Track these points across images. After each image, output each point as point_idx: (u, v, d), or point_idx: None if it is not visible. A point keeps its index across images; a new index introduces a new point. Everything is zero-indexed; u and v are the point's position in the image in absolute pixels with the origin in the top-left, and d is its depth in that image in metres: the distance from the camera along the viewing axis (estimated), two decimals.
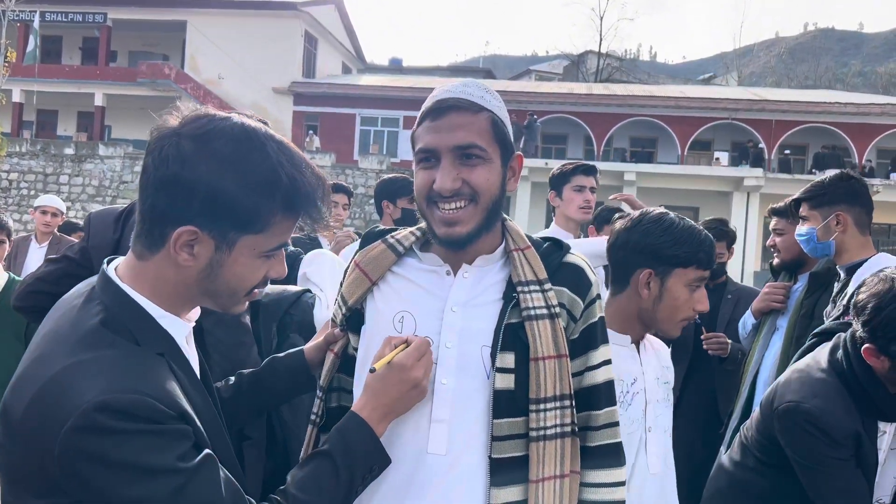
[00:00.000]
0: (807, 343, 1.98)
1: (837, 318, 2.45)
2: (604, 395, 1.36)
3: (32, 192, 21.80)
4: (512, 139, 1.33)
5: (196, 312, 1.20)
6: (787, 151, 24.12)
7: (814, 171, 21.75)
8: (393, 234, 1.41)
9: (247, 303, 1.19)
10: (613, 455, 1.36)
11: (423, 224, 1.39)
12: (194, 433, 1.04)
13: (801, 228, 2.67)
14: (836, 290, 2.63)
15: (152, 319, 1.08)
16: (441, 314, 1.30)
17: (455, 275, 1.33)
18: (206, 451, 1.04)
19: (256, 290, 1.18)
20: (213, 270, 1.08)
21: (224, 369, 1.79)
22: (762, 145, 24.66)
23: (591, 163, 3.49)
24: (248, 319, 2.18)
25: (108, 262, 1.13)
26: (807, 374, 1.74)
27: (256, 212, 1.05)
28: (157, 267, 1.08)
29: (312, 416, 1.42)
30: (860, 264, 2.50)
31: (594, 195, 3.28)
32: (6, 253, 3.77)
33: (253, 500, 1.09)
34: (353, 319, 1.39)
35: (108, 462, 0.95)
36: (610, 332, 1.46)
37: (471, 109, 1.27)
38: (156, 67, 27.25)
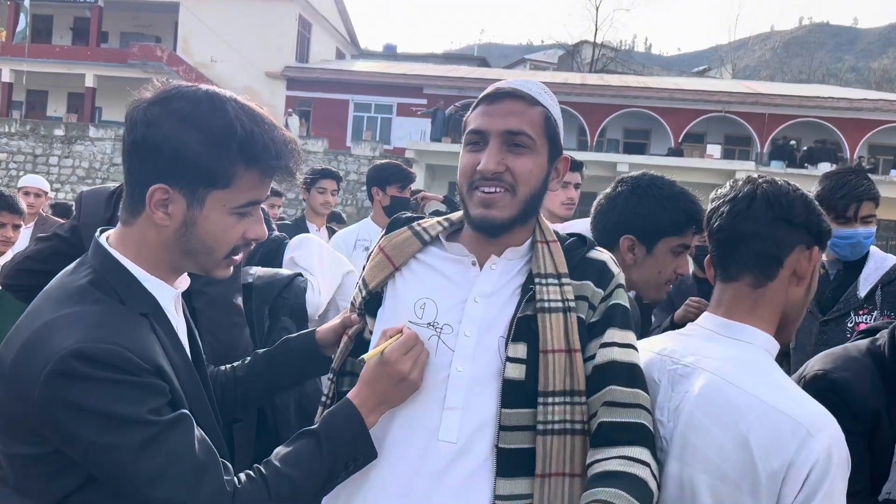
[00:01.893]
0: (851, 339, 1.99)
1: (856, 307, 2.48)
2: (624, 372, 1.25)
3: (21, 173, 21.59)
4: (562, 141, 1.35)
5: (185, 281, 1.25)
6: (784, 141, 24.14)
7: (805, 165, 21.84)
8: (420, 222, 1.42)
9: (230, 267, 1.22)
10: (636, 432, 1.22)
11: (450, 215, 1.43)
12: (171, 391, 1.08)
13: (864, 229, 2.51)
14: (830, 285, 2.63)
15: (137, 282, 1.14)
16: (463, 304, 1.30)
17: (480, 266, 1.33)
18: (182, 410, 1.08)
19: (237, 256, 1.20)
20: (188, 229, 1.13)
21: (215, 350, 1.80)
22: (793, 142, 24.67)
23: (578, 159, 3.48)
24: (240, 301, 2.18)
25: (101, 232, 1.20)
26: (842, 353, 1.70)
27: (218, 165, 1.10)
28: (140, 230, 1.14)
29: (323, 398, 1.43)
30: (856, 261, 2.51)
31: (578, 191, 3.26)
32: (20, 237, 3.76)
33: (228, 464, 1.11)
34: (371, 304, 1.40)
35: (81, 408, 0.99)
36: None
37: (526, 100, 1.30)
38: (147, 49, 26.97)
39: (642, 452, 1.21)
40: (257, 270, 2.39)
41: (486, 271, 1.33)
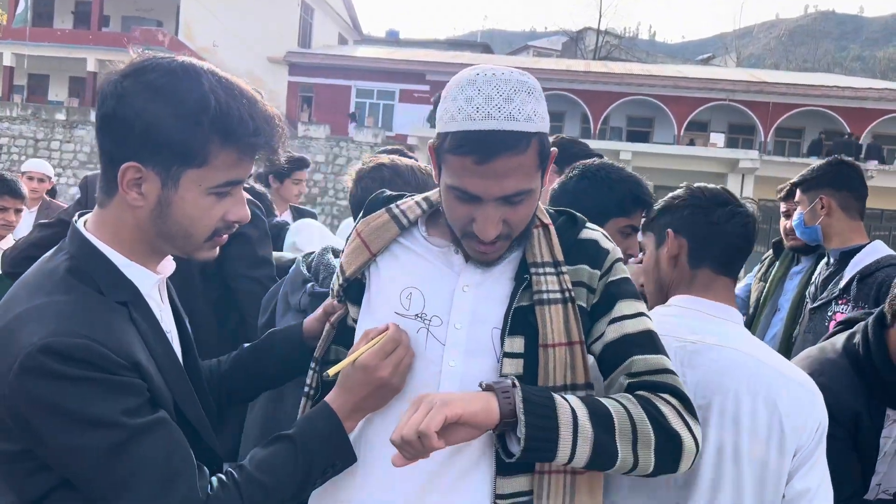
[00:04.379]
0: (832, 330, 1.99)
1: (830, 300, 2.46)
2: (643, 341, 1.21)
3: (23, 158, 21.55)
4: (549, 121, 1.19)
5: (169, 266, 1.20)
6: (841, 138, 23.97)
7: (814, 156, 21.73)
8: (399, 203, 1.33)
9: (214, 249, 1.16)
10: (671, 390, 1.18)
11: (429, 193, 1.33)
12: (149, 389, 1.03)
13: (795, 213, 2.70)
14: (823, 273, 2.64)
15: (115, 268, 1.08)
16: (451, 294, 1.22)
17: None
18: (160, 412, 1.03)
19: (221, 238, 1.14)
20: (163, 210, 1.07)
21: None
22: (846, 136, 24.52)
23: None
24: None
25: (80, 216, 1.14)
26: (819, 354, 1.75)
27: (191, 142, 1.03)
28: (115, 212, 1.09)
29: (306, 388, 1.36)
30: (854, 250, 2.50)
31: None
32: (21, 221, 3.76)
33: (205, 468, 1.06)
34: (352, 290, 1.32)
35: (49, 406, 0.94)
36: None
37: (520, 148, 1.09)
38: (149, 33, 26.81)
39: (674, 402, 1.16)
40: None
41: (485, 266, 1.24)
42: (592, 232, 1.30)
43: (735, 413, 1.36)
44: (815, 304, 2.60)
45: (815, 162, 2.79)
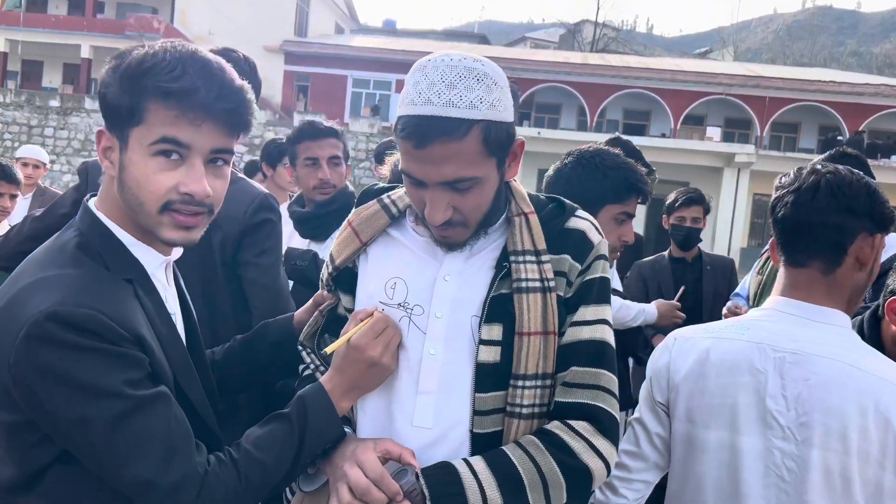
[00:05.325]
0: None
1: None
2: (588, 352, 1.21)
3: (16, 144, 21.42)
4: (511, 120, 1.16)
5: (177, 249, 1.21)
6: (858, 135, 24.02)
7: (813, 151, 21.79)
8: (389, 193, 1.34)
9: (174, 228, 1.09)
10: (589, 412, 1.18)
11: None
12: (151, 364, 1.04)
13: None
14: None
15: (123, 246, 1.11)
16: (433, 283, 1.23)
17: None
18: (161, 386, 1.04)
19: (179, 213, 1.08)
20: (122, 175, 1.09)
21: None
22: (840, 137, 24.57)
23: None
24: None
25: (91, 196, 1.17)
26: None
27: (130, 99, 1.05)
28: (107, 185, 1.13)
29: (301, 368, 1.38)
30: None
31: None
32: (16, 207, 3.75)
33: (203, 446, 1.07)
34: (342, 279, 1.33)
35: (54, 374, 0.96)
36: None
37: (457, 134, 1.08)
38: (144, 20, 26.63)
39: (586, 428, 1.18)
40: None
41: (455, 250, 1.24)
42: (581, 221, 1.28)
43: (842, 432, 1.26)
44: None
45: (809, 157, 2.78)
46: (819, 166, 1.41)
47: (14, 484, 1.03)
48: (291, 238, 2.75)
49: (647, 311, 2.72)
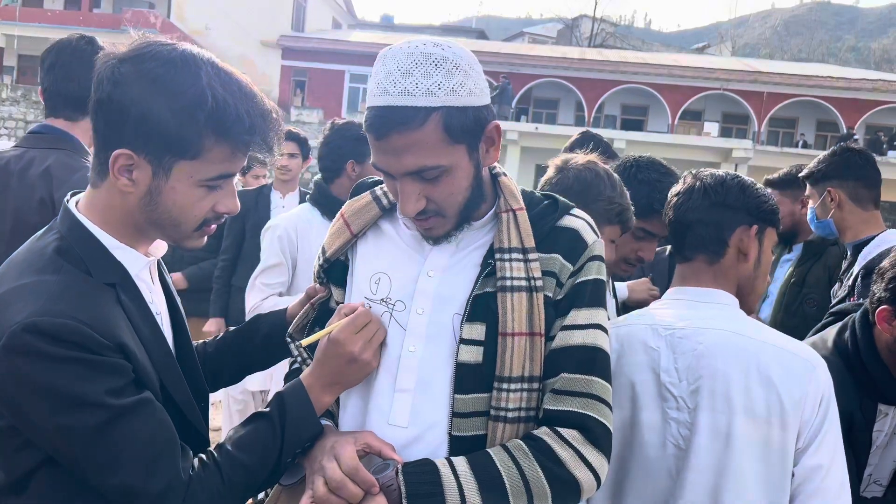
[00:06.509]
0: (822, 321, 1.98)
1: (843, 298, 2.39)
2: (579, 358, 1.15)
3: (13, 139, 21.38)
4: (486, 104, 1.14)
5: (160, 249, 1.20)
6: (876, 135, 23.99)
7: (810, 146, 21.76)
8: (382, 185, 1.31)
9: (202, 238, 1.16)
10: (578, 420, 1.13)
11: None
12: (135, 370, 1.03)
13: (808, 208, 2.62)
14: (843, 268, 2.57)
15: (105, 250, 1.09)
16: (416, 279, 1.21)
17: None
18: (145, 392, 1.03)
19: (209, 227, 1.15)
20: (153, 198, 1.07)
21: None
22: (856, 136, 24.53)
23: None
24: None
25: (72, 196, 1.15)
26: None
27: (186, 134, 1.03)
28: (106, 195, 1.10)
29: (291, 361, 1.37)
30: (867, 241, 2.42)
31: None
32: None
33: (189, 449, 1.07)
34: (333, 272, 1.31)
35: (34, 386, 0.95)
36: None
37: (413, 124, 1.06)
38: (141, 15, 26.54)
39: (575, 437, 1.12)
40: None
41: (441, 242, 1.21)
42: (575, 220, 1.24)
43: (726, 393, 1.33)
44: (833, 307, 2.56)
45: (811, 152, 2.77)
46: (701, 172, 1.56)
47: (2, 487, 1.03)
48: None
49: (619, 290, 2.74)
